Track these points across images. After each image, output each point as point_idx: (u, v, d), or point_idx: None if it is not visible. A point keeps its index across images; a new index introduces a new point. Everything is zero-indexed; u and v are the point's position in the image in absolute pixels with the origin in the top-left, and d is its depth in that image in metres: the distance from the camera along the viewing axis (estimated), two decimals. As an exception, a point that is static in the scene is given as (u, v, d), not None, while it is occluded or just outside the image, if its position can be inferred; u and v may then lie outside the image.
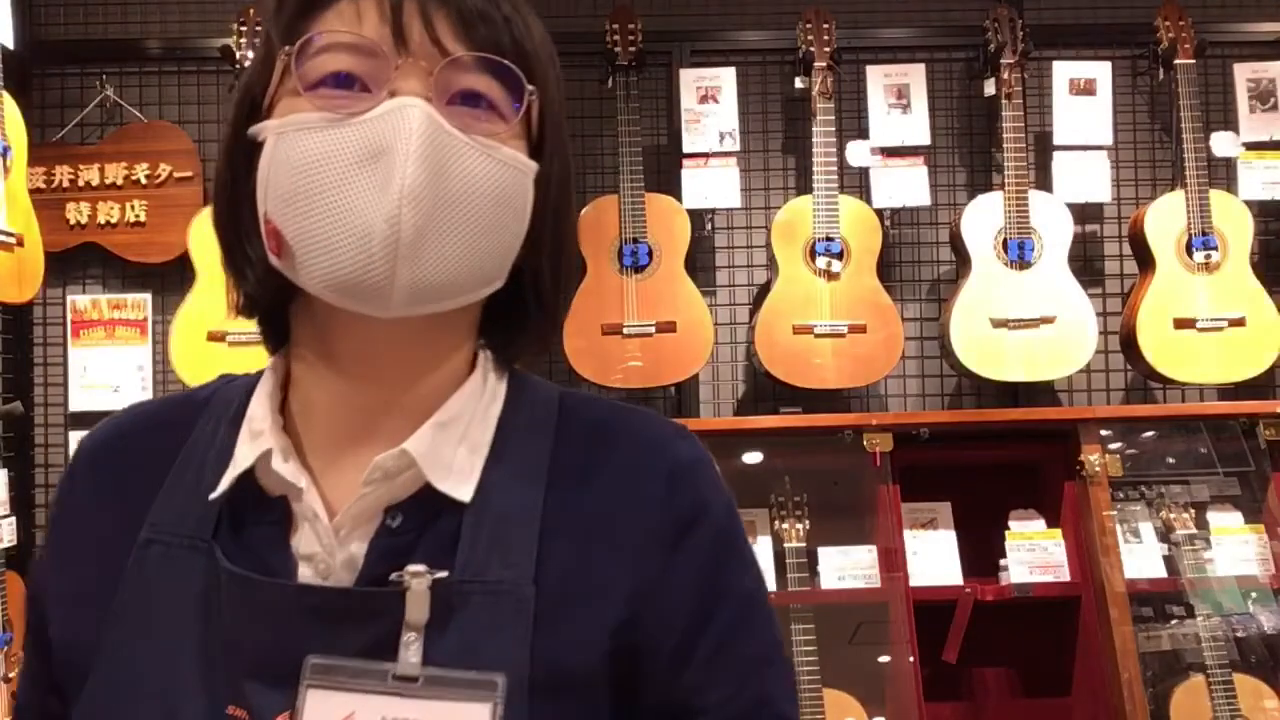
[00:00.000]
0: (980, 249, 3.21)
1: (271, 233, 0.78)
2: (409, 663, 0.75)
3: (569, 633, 0.79)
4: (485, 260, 0.79)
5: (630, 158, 3.20)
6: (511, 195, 0.80)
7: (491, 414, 0.85)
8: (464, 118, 0.78)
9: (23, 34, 3.33)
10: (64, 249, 3.32)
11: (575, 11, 3.49)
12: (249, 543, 0.81)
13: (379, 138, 0.75)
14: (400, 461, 0.80)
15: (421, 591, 0.76)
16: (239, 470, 0.82)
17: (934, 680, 3.02)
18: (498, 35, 0.79)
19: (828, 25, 3.26)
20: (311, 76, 0.78)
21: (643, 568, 0.81)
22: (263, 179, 0.78)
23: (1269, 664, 3.01)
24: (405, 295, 0.76)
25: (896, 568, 3.02)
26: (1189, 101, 3.24)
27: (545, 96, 0.82)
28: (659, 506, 0.83)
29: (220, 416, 0.87)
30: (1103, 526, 2.98)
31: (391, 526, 0.80)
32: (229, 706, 0.77)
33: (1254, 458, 3.16)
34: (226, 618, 0.78)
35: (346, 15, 0.78)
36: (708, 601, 0.83)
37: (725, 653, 0.83)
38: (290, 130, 0.77)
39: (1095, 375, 3.45)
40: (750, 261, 3.48)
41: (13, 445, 3.33)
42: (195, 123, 3.45)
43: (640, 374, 3.16)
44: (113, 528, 0.84)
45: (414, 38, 0.77)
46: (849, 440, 3.03)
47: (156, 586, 0.81)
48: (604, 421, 0.88)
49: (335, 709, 0.74)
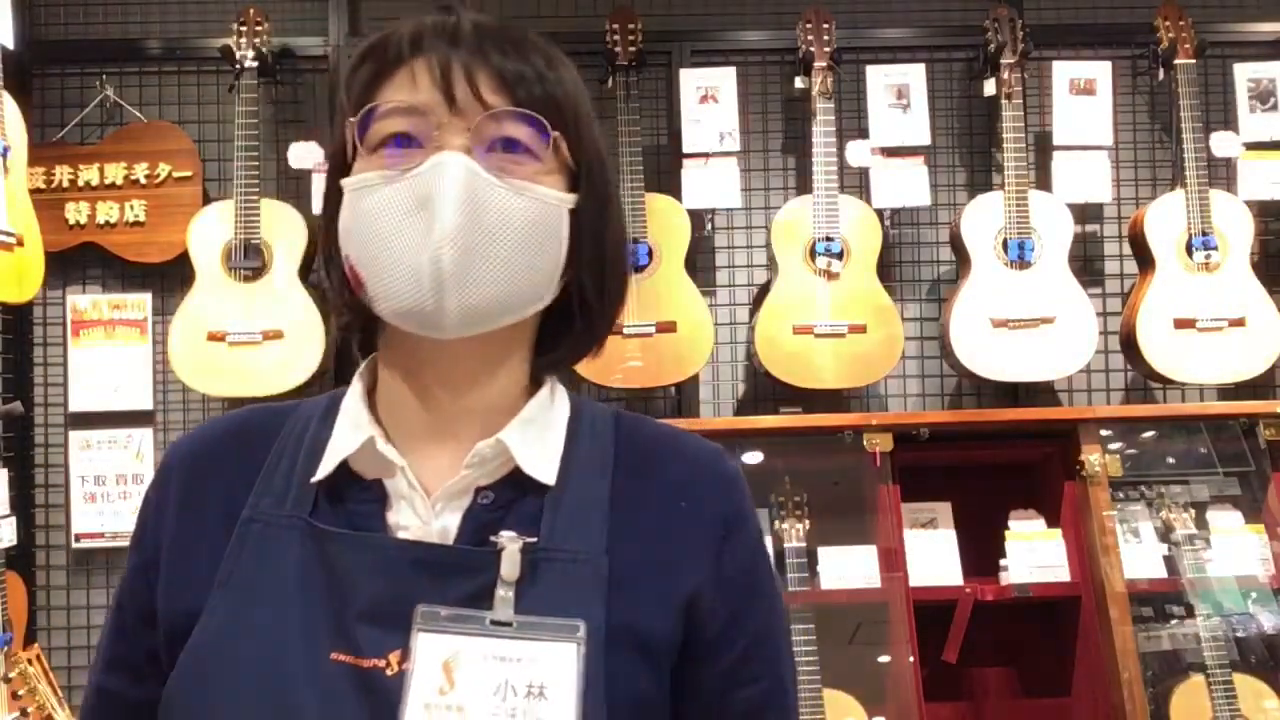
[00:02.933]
0: (980, 249, 3.21)
1: (352, 273, 0.95)
2: (504, 611, 0.89)
3: (639, 600, 0.93)
4: (525, 283, 0.93)
5: (630, 157, 3.20)
6: (544, 225, 0.93)
7: (560, 418, 1.01)
8: (502, 161, 0.92)
9: (23, 34, 3.33)
10: (64, 249, 3.32)
11: (575, 11, 3.49)
12: (349, 518, 0.95)
13: (424, 190, 0.90)
14: (496, 449, 0.95)
15: (514, 552, 0.90)
16: (343, 454, 0.96)
17: (934, 680, 3.02)
18: (531, 89, 0.93)
19: (828, 25, 3.26)
20: (374, 140, 0.94)
21: (699, 557, 0.97)
22: (343, 228, 0.95)
23: (1269, 664, 3.01)
24: (456, 319, 0.91)
25: (896, 568, 3.02)
26: (1189, 101, 3.24)
27: (579, 136, 0.96)
28: (712, 508, 0.99)
29: (310, 417, 1.02)
30: (1103, 526, 2.98)
31: (484, 503, 0.95)
32: (332, 654, 0.89)
33: (1254, 458, 3.16)
34: (337, 574, 0.91)
35: (402, 82, 0.94)
36: (745, 596, 0.99)
37: (759, 643, 1.00)
38: (359, 188, 0.93)
39: (1095, 375, 3.45)
40: (750, 261, 3.49)
41: (13, 445, 3.33)
42: (195, 123, 3.45)
43: (640, 374, 3.16)
44: (213, 513, 0.97)
45: (460, 96, 0.92)
46: (849, 440, 3.03)
47: (258, 557, 0.94)
48: (657, 435, 1.05)
49: (442, 648, 0.88)
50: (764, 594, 1.01)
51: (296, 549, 0.93)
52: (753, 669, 0.99)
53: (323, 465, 0.96)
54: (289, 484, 0.97)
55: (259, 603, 0.92)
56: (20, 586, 3.09)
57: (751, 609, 0.99)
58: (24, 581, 3.16)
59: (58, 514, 3.39)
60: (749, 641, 0.99)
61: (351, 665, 0.89)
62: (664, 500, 0.99)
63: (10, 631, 2.83)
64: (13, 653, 2.81)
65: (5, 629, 2.79)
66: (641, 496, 0.98)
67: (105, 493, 3.37)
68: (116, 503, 3.37)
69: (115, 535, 3.36)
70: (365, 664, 0.89)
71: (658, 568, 0.95)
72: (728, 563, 0.98)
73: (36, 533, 3.38)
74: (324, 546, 0.93)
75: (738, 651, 0.98)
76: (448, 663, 0.87)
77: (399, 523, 0.94)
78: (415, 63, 0.93)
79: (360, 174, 0.94)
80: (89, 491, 3.37)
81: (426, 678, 0.87)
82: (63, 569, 3.39)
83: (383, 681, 0.88)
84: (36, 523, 3.38)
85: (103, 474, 3.37)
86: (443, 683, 0.87)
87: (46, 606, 3.38)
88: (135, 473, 3.37)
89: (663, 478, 1.00)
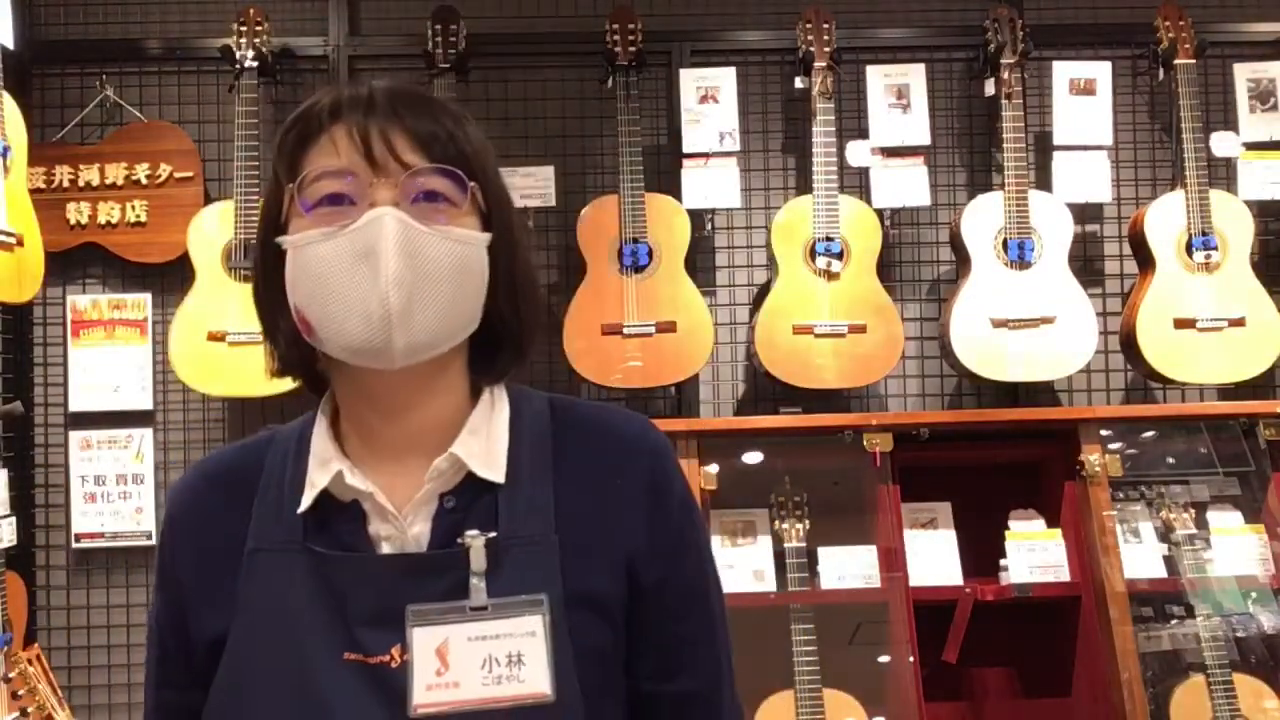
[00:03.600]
0: (980, 249, 3.21)
1: (301, 320, 1.07)
2: (479, 598, 1.04)
3: (588, 567, 1.09)
4: (458, 314, 1.07)
5: (630, 158, 3.20)
6: (468, 262, 1.07)
7: (502, 420, 1.14)
8: (426, 211, 1.05)
9: (23, 34, 3.34)
10: (64, 249, 3.32)
11: (575, 11, 3.49)
12: (337, 537, 1.09)
13: (366, 241, 1.02)
14: (451, 462, 1.09)
15: (480, 548, 1.05)
16: (318, 489, 1.09)
17: (934, 680, 3.02)
18: (445, 148, 1.07)
19: (828, 25, 3.26)
20: (310, 200, 1.06)
21: (634, 523, 1.12)
22: (290, 282, 1.06)
23: (1269, 664, 3.01)
24: (403, 352, 1.03)
25: (896, 568, 3.02)
26: (1189, 101, 3.24)
27: (486, 182, 1.10)
28: (641, 477, 1.14)
29: (285, 452, 1.14)
30: (1103, 526, 2.98)
31: (448, 508, 1.09)
32: (344, 654, 1.04)
33: (1254, 458, 3.16)
34: (336, 588, 1.06)
35: (326, 147, 1.06)
36: (675, 551, 1.15)
37: (689, 588, 1.16)
38: (302, 245, 1.05)
39: (1095, 375, 3.45)
40: (750, 261, 3.49)
41: (13, 445, 3.33)
42: (195, 123, 3.45)
43: (640, 374, 3.16)
44: (222, 549, 1.11)
45: (380, 157, 1.04)
46: (849, 440, 3.03)
47: (267, 582, 1.08)
48: (588, 417, 1.18)
49: (433, 637, 1.03)
50: (692, 546, 1.17)
51: (299, 571, 1.07)
52: (685, 608, 1.15)
53: (304, 499, 1.10)
54: (280, 515, 1.11)
55: (274, 619, 1.06)
56: (20, 586, 3.09)
57: (680, 561, 1.15)
58: (24, 581, 3.16)
59: (58, 514, 3.39)
60: (680, 587, 1.15)
61: (361, 663, 1.04)
62: (600, 476, 1.13)
63: (10, 631, 2.84)
64: (13, 653, 2.81)
65: (5, 629, 2.79)
66: (580, 476, 1.13)
67: (105, 493, 3.37)
68: (116, 503, 3.37)
69: (115, 535, 3.36)
70: (373, 660, 1.04)
71: (600, 537, 1.11)
72: (658, 524, 1.13)
73: (36, 533, 3.38)
74: (320, 567, 1.07)
75: (670, 596, 1.13)
76: (440, 649, 1.03)
77: (379, 534, 1.09)
78: (335, 129, 1.06)
79: (301, 232, 1.05)
80: (89, 491, 3.37)
81: (425, 664, 1.02)
82: (63, 569, 3.39)
83: (389, 673, 1.03)
84: (36, 523, 3.38)
85: (103, 474, 3.37)
86: (439, 666, 1.02)
87: (46, 606, 3.38)
88: (135, 473, 3.37)
89: (598, 456, 1.14)
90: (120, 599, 3.39)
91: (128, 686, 3.34)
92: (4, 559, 2.84)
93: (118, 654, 3.37)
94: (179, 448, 3.41)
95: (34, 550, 3.37)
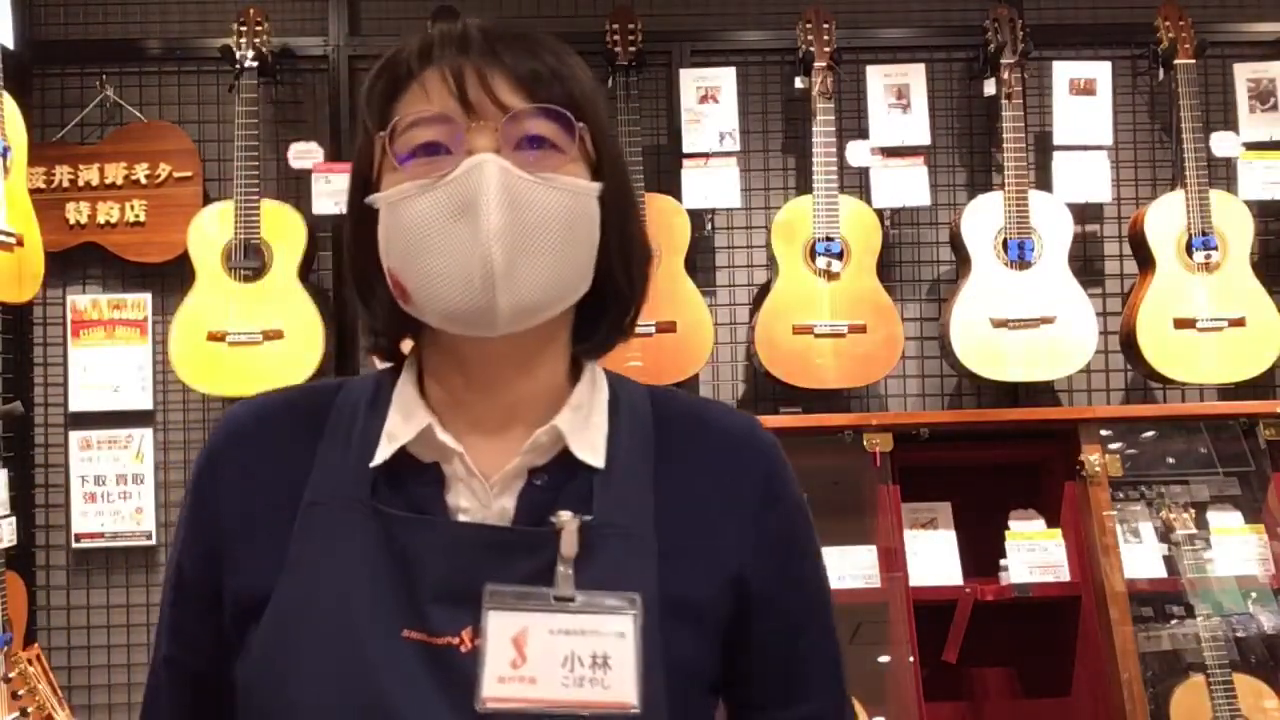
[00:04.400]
0: (980, 249, 3.21)
1: (396, 283, 0.96)
2: (565, 587, 0.93)
3: (687, 571, 0.98)
4: (568, 272, 0.96)
5: (630, 158, 3.20)
6: (579, 214, 0.96)
7: (602, 401, 1.05)
8: (530, 159, 0.94)
9: (23, 34, 3.34)
10: (64, 249, 3.32)
11: (575, 11, 3.50)
12: (410, 500, 0.98)
13: (464, 193, 0.92)
14: (551, 435, 0.99)
15: (572, 530, 0.94)
16: (401, 442, 0.99)
17: (934, 680, 3.02)
18: (548, 87, 0.96)
19: (828, 25, 3.26)
20: (403, 151, 0.95)
21: (742, 526, 1.02)
22: (383, 242, 0.97)
23: (1269, 664, 3.01)
24: (508, 316, 0.93)
25: (896, 568, 3.02)
26: (1189, 101, 3.24)
27: (596, 127, 0.98)
28: (752, 478, 1.05)
29: (359, 401, 1.03)
30: (1103, 526, 2.98)
31: (538, 485, 0.99)
32: (404, 631, 0.93)
33: (1254, 458, 3.16)
34: (405, 555, 0.95)
35: (417, 94, 0.96)
36: (787, 561, 1.05)
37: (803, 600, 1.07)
38: (396, 200, 0.95)
39: (1095, 375, 3.45)
40: (750, 261, 3.48)
41: (13, 445, 3.33)
42: (195, 123, 3.45)
43: (640, 374, 3.12)
44: (273, 496, 1.00)
45: (476, 100, 0.94)
46: (849, 440, 3.03)
47: (324, 540, 0.97)
48: (692, 410, 1.09)
49: (512, 625, 0.92)
50: (807, 554, 1.08)
51: (361, 531, 0.96)
52: (802, 622, 1.07)
53: (380, 451, 0.99)
54: (347, 468, 0.99)
55: (328, 584, 0.95)
56: (20, 586, 3.09)
57: (797, 570, 1.06)
58: (24, 581, 3.16)
59: (58, 514, 3.39)
60: (797, 598, 1.06)
61: (424, 643, 0.93)
62: (704, 474, 1.03)
63: (10, 631, 2.84)
64: (13, 653, 2.81)
65: (5, 629, 2.79)
66: (683, 471, 1.03)
67: (105, 493, 3.37)
68: (116, 503, 3.37)
69: (115, 535, 3.36)
70: (438, 641, 0.93)
71: (703, 539, 1.00)
72: (769, 530, 1.03)
73: (36, 533, 3.38)
74: (389, 529, 0.96)
75: (787, 609, 1.05)
76: (517, 638, 0.92)
77: (458, 505, 0.98)
78: (426, 74, 0.96)
79: (394, 186, 0.95)
80: (89, 491, 3.37)
81: (499, 653, 0.92)
82: (63, 569, 3.39)
83: (456, 657, 0.92)
84: (36, 523, 3.38)
85: (103, 474, 3.37)
86: (515, 656, 0.92)
87: (46, 606, 3.38)
88: (135, 473, 3.37)
89: (702, 452, 1.05)
90: (120, 599, 3.39)
91: (128, 686, 3.34)
92: (4, 559, 2.84)
93: (118, 654, 3.37)
94: (179, 448, 3.41)
95: (34, 550, 3.37)
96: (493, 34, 0.97)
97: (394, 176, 0.96)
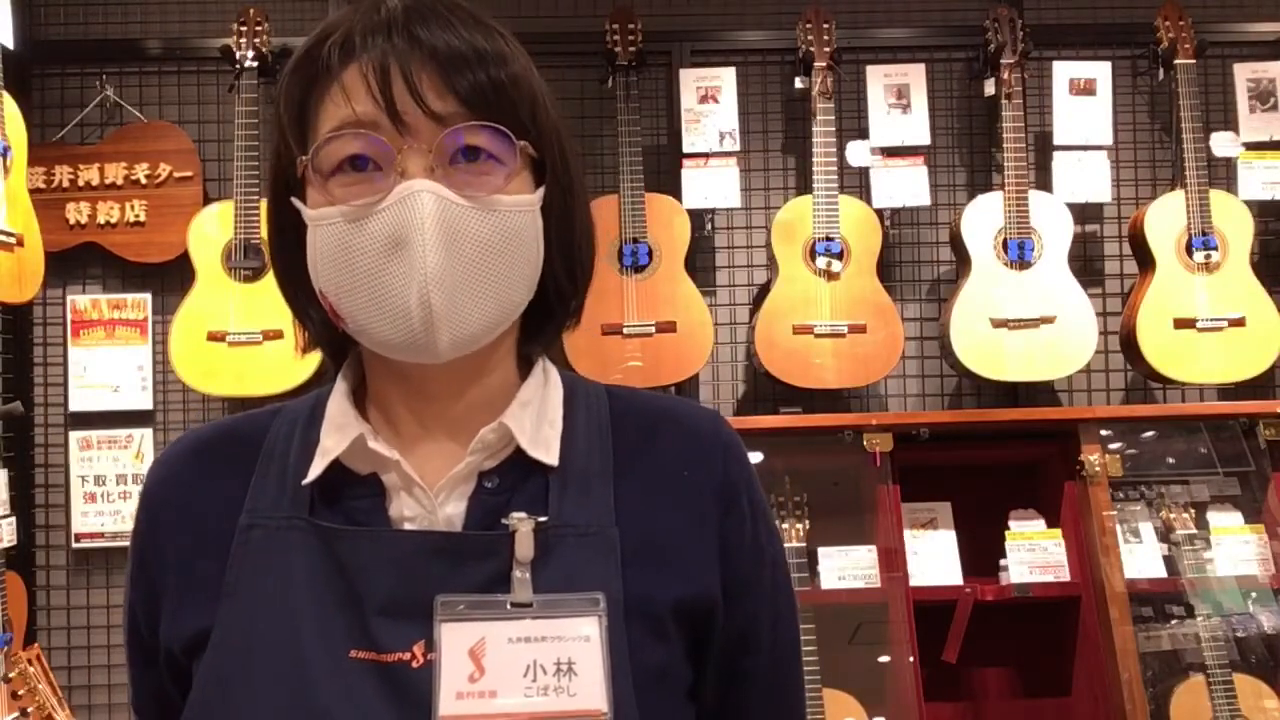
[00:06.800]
0: (980, 249, 3.21)
1: (329, 306, 0.92)
2: (523, 592, 0.88)
3: (650, 570, 0.93)
4: (513, 296, 0.92)
5: (630, 158, 3.20)
6: (522, 232, 0.91)
7: (555, 397, 1.00)
8: (466, 175, 0.88)
9: (23, 34, 3.34)
10: (64, 249, 3.32)
11: (575, 11, 3.49)
12: (350, 514, 0.93)
13: (397, 227, 0.86)
14: (499, 432, 0.94)
15: (527, 533, 0.89)
16: (331, 456, 0.94)
17: (934, 680, 3.02)
18: (477, 78, 0.88)
19: (828, 25, 3.26)
20: (327, 167, 0.89)
21: (704, 524, 0.97)
22: (311, 262, 0.91)
23: (1269, 664, 3.01)
24: (449, 348, 0.88)
25: (896, 568, 3.02)
26: (1189, 101, 3.24)
27: (537, 123, 0.92)
28: (713, 475, 0.99)
29: (294, 420, 0.99)
30: (1103, 526, 2.98)
31: (489, 487, 0.94)
32: (350, 651, 0.88)
33: (1254, 458, 3.16)
34: (348, 571, 0.89)
35: (337, 98, 0.88)
36: (750, 560, 1.00)
37: (766, 612, 1.01)
38: (322, 223, 0.89)
39: (1095, 375, 3.45)
40: (750, 261, 3.49)
41: (13, 445, 3.33)
42: (195, 123, 3.45)
43: (640, 374, 3.16)
44: (211, 522, 0.95)
45: (407, 111, 0.86)
46: (849, 440, 3.03)
47: (262, 562, 0.92)
48: (652, 406, 1.04)
49: (467, 636, 0.87)
50: (769, 562, 1.02)
51: (300, 550, 0.91)
52: (757, 636, 1.01)
53: (314, 466, 0.94)
54: (283, 487, 0.95)
55: (268, 608, 0.90)
56: (20, 586, 3.09)
57: (756, 577, 1.00)
58: (24, 581, 3.16)
59: (58, 514, 3.39)
60: (752, 610, 1.00)
61: (373, 662, 0.87)
62: (665, 470, 0.98)
63: (10, 631, 2.84)
64: (13, 653, 2.81)
65: (5, 629, 2.79)
66: (643, 468, 0.97)
67: (105, 493, 3.37)
68: (116, 503, 3.37)
69: (115, 535, 3.36)
70: (388, 659, 0.87)
71: (665, 538, 0.95)
72: (732, 528, 0.98)
73: (36, 533, 3.38)
74: (330, 545, 0.91)
75: (742, 620, 0.99)
76: (474, 649, 0.87)
77: (402, 514, 0.93)
78: (348, 73, 0.88)
79: (320, 208, 0.89)
80: (89, 491, 3.37)
81: (455, 666, 0.86)
82: (63, 569, 3.39)
83: (408, 674, 0.87)
84: (36, 523, 3.38)
85: (103, 474, 3.37)
86: (472, 669, 0.86)
87: (46, 606, 3.38)
88: (135, 473, 3.37)
89: (662, 448, 1.00)
90: (120, 599, 3.38)
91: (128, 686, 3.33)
92: (4, 559, 2.84)
93: (118, 654, 3.37)
94: (179, 448, 3.40)
95: (34, 550, 3.37)
96: (414, 11, 0.89)
97: (318, 191, 0.90)
